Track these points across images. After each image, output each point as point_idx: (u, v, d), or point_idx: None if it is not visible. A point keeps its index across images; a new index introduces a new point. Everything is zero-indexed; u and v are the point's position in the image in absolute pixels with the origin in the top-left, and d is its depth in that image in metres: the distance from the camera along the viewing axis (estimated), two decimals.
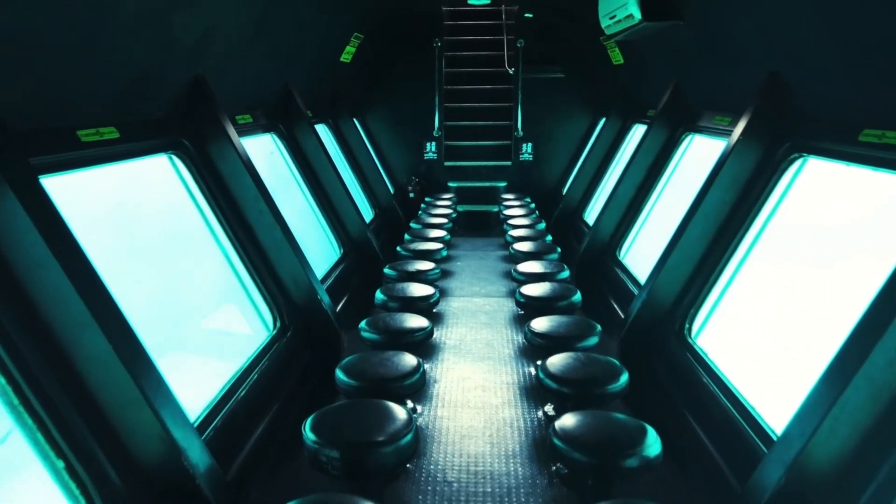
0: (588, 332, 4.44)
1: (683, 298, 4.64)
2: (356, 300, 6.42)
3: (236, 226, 4.63)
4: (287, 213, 6.01)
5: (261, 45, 5.43)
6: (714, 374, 3.96)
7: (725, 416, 3.63)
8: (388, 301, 5.22)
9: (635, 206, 6.76)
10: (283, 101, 6.63)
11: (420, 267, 6.06)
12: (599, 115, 10.49)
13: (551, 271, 5.94)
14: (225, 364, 3.98)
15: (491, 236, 10.27)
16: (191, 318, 4.12)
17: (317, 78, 7.87)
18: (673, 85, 6.54)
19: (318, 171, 6.86)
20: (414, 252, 6.77)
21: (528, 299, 5.24)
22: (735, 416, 3.63)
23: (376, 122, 11.15)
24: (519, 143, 10.85)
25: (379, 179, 9.36)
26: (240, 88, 5.48)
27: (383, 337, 4.41)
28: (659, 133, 6.64)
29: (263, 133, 6.35)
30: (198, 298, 4.29)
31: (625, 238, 6.74)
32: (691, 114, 6.29)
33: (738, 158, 4.48)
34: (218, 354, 4.14)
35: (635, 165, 6.72)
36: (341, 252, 6.84)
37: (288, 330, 4.65)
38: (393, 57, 10.76)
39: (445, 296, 7.17)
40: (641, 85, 8.08)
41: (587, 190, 9.17)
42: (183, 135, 4.44)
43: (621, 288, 6.05)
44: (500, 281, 7.76)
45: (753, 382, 3.82)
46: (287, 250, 4.74)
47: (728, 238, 4.51)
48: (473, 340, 5.93)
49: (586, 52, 9.94)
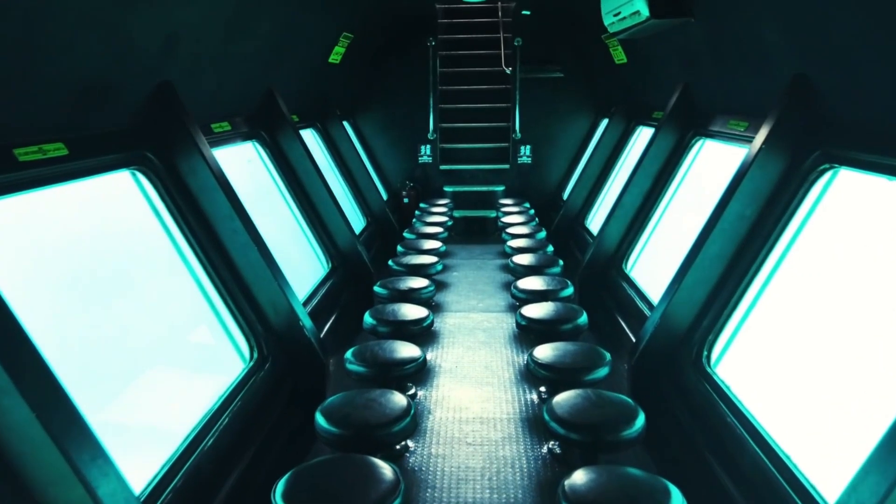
0: (597, 362, 4.02)
1: (701, 323, 4.23)
2: (345, 319, 5.99)
3: (208, 247, 4.21)
4: (269, 227, 5.59)
5: (237, 48, 5.01)
6: (740, 414, 3.53)
7: (758, 469, 3.15)
8: (378, 325, 4.80)
9: (642, 215, 6.34)
10: (265, 106, 6.20)
11: (413, 284, 5.64)
12: (601, 116, 10.08)
13: (554, 288, 5.51)
14: (191, 407, 3.55)
15: (489, 243, 9.86)
16: (151, 356, 3.69)
17: (303, 80, 7.45)
18: (682, 86, 6.12)
19: (303, 180, 6.44)
20: (406, 267, 6.35)
21: (530, 322, 4.82)
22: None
23: (369, 126, 10.72)
24: (517, 145, 10.46)
25: (371, 186, 8.94)
26: (215, 94, 5.05)
27: (371, 370, 3.99)
28: (667, 137, 6.22)
29: (244, 141, 5.92)
30: (161, 332, 3.86)
31: (631, 249, 6.32)
32: (702, 117, 5.88)
33: (761, 169, 4.06)
34: (183, 396, 3.71)
35: (642, 171, 6.30)
36: (329, 267, 6.41)
37: (266, 361, 4.23)
38: (385, 57, 10.34)
39: (441, 311, 6.75)
40: (646, 85, 7.66)
41: (589, 195, 8.75)
42: (147, 148, 4.01)
43: (629, 305, 5.63)
44: (498, 293, 7.34)
45: (784, 423, 3.36)
46: (265, 272, 4.31)
47: (750, 256, 4.09)
48: (471, 363, 5.51)
49: (587, 51, 9.54)
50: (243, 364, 4.19)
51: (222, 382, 3.89)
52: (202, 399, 3.66)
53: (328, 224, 6.52)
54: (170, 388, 3.70)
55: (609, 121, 8.62)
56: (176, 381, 3.77)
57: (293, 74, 6.92)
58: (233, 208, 4.24)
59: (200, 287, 4.18)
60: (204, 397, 3.68)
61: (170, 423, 3.43)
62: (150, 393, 3.56)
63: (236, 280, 4.30)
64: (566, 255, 8.32)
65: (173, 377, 3.76)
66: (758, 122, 4.52)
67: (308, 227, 6.37)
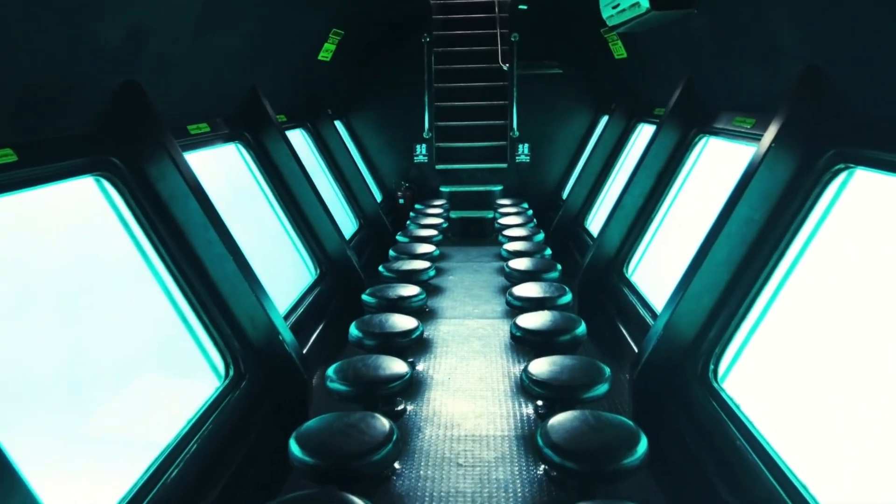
0: (595, 378, 3.75)
1: (707, 334, 3.95)
2: (333, 330, 5.72)
3: (180, 258, 3.94)
4: (251, 234, 5.33)
5: (214, 44, 4.74)
6: (750, 436, 3.26)
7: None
8: (364, 338, 4.53)
9: (644, 216, 6.06)
10: (249, 105, 5.93)
11: (403, 293, 5.36)
12: (601, 113, 9.80)
13: (551, 295, 5.24)
14: (158, 431, 3.29)
15: (486, 244, 9.58)
16: (114, 377, 3.43)
17: (290, 79, 7.18)
18: (684, 81, 5.84)
19: (290, 183, 6.17)
20: (397, 273, 6.08)
21: (526, 333, 4.54)
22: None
23: (363, 125, 10.45)
24: (515, 143, 10.20)
25: (364, 187, 8.66)
26: (191, 94, 4.79)
27: (353, 389, 3.72)
28: (669, 134, 5.94)
29: (225, 143, 5.65)
30: (127, 350, 3.59)
31: (632, 253, 6.04)
32: (706, 114, 5.60)
33: (770, 169, 3.78)
34: (149, 419, 3.44)
35: (643, 170, 6.02)
36: (317, 274, 6.14)
37: (243, 378, 3.96)
38: (378, 55, 10.06)
39: (435, 318, 6.49)
40: (647, 81, 7.38)
41: (589, 195, 8.46)
42: (112, 152, 3.74)
43: (631, 312, 5.35)
44: (495, 298, 7.07)
45: (797, 444, 3.09)
46: (242, 284, 4.05)
47: (760, 263, 3.81)
48: (464, 374, 5.24)
49: (586, 46, 9.25)
50: (218, 382, 3.92)
51: (194, 403, 3.63)
52: (170, 422, 3.40)
53: (316, 229, 6.25)
54: (134, 412, 3.43)
55: (609, 118, 8.34)
56: (142, 403, 3.50)
57: (279, 73, 6.65)
58: (207, 216, 3.97)
59: (172, 301, 3.92)
60: (172, 420, 3.42)
61: (132, 449, 3.17)
62: (112, 417, 3.30)
63: (211, 293, 4.03)
64: (565, 257, 8.05)
65: (139, 399, 3.50)
66: (766, 118, 4.24)
67: (295, 232, 6.10)
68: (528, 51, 9.84)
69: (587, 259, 6.33)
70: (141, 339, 3.75)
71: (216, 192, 5.09)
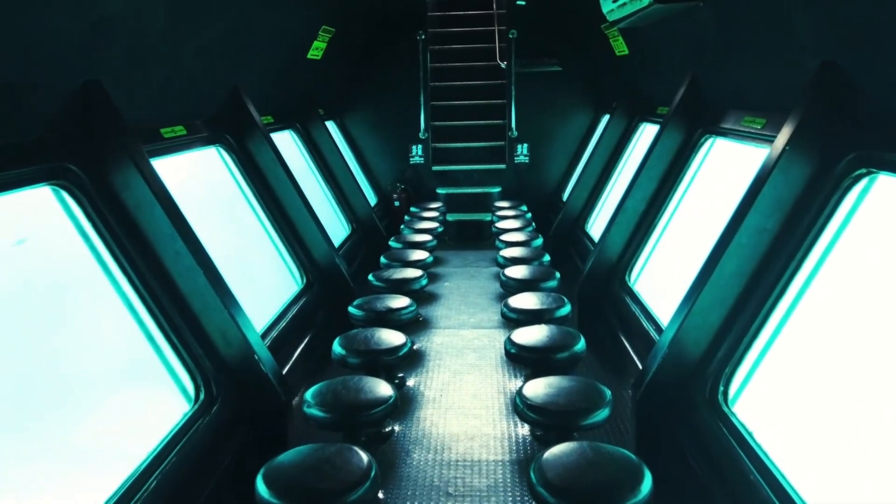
0: (596, 403, 3.45)
1: (716, 353, 3.65)
2: (320, 344, 5.41)
3: (146, 272, 3.65)
4: (230, 242, 5.05)
5: (190, 40, 4.45)
6: (762, 465, 2.96)
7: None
8: (348, 356, 4.23)
9: (647, 221, 5.76)
10: (231, 106, 5.64)
11: (392, 304, 5.06)
12: (601, 112, 9.50)
13: (549, 307, 4.93)
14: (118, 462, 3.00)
15: (483, 248, 9.28)
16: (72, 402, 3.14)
17: (277, 78, 6.88)
18: (689, 79, 5.54)
19: (275, 188, 5.87)
20: (388, 283, 5.78)
21: (521, 349, 4.24)
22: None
23: (357, 125, 10.16)
24: (514, 143, 9.90)
25: (356, 190, 8.37)
26: (164, 94, 4.50)
27: (332, 416, 3.43)
28: (673, 135, 5.64)
29: (204, 146, 5.36)
30: (85, 372, 3.31)
31: (635, 259, 5.74)
32: (712, 113, 5.29)
33: (784, 173, 3.48)
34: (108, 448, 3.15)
35: (646, 172, 5.72)
36: (303, 283, 5.84)
37: (214, 402, 3.67)
38: (372, 52, 9.77)
39: (428, 328, 6.20)
40: (650, 79, 7.08)
41: (590, 197, 8.16)
42: (70, 159, 3.45)
43: (634, 324, 5.05)
44: (492, 306, 6.78)
45: (815, 476, 2.81)
46: (213, 300, 3.76)
47: (773, 275, 3.51)
48: (457, 391, 4.95)
49: (586, 43, 8.96)
50: (188, 406, 3.64)
51: (159, 430, 3.34)
52: (132, 452, 3.11)
53: (303, 236, 5.95)
54: (93, 440, 3.15)
55: (610, 117, 8.03)
56: (102, 431, 3.21)
57: (265, 72, 6.36)
58: (175, 227, 3.68)
59: (137, 318, 3.63)
60: (135, 449, 3.13)
61: (89, 482, 2.88)
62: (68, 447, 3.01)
63: (180, 309, 3.74)
64: (565, 261, 7.76)
65: (99, 426, 3.21)
66: (778, 118, 3.94)
67: (280, 239, 5.81)
68: (527, 48, 9.54)
69: (587, 266, 6.03)
70: (102, 361, 3.46)
71: (193, 199, 4.81)
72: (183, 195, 4.40)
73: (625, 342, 5.19)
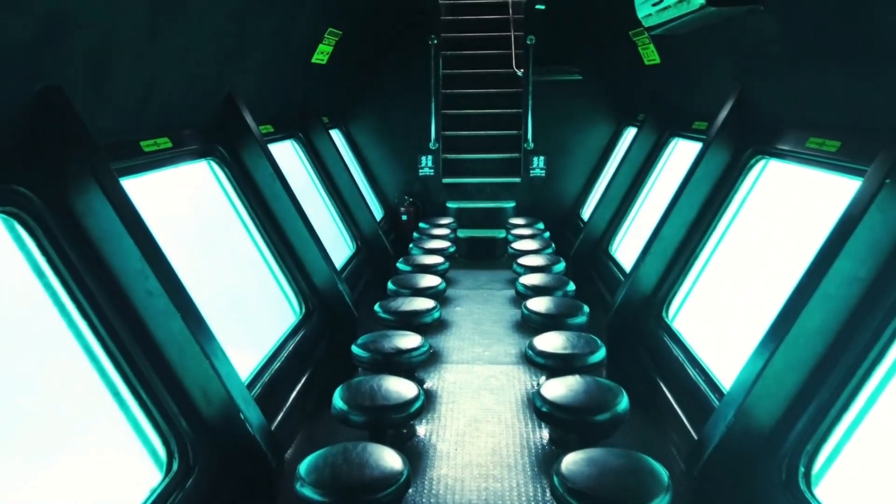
0: (652, 488, 2.82)
1: (794, 425, 3.02)
2: (317, 384, 4.82)
3: (112, 316, 3.05)
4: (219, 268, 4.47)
5: (175, 42, 3.87)
6: None
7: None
8: (350, 412, 3.60)
9: (687, 250, 5.14)
10: (224, 114, 5.06)
11: (401, 344, 4.43)
12: (624, 124, 8.91)
13: (580, 351, 4.30)
14: None
15: (497, 267, 8.69)
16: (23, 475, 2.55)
17: (278, 84, 6.31)
18: (737, 91, 4.94)
19: (272, 206, 5.28)
20: (396, 315, 5.15)
21: (554, 408, 3.60)
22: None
23: (363, 134, 9.57)
24: (529, 156, 9.33)
25: (362, 205, 7.77)
26: (144, 102, 3.91)
27: (330, 499, 2.81)
28: (718, 154, 5.03)
29: (196, 159, 4.78)
30: (41, 440, 2.72)
31: (673, 293, 5.12)
32: (764, 130, 4.70)
33: (883, 213, 2.89)
34: None
35: (686, 195, 5.12)
36: (302, 313, 5.23)
37: (192, 472, 3.06)
38: (381, 58, 9.21)
39: (438, 362, 5.59)
40: (684, 89, 6.49)
41: (614, 217, 7.55)
42: (23, 181, 2.86)
43: (677, 373, 4.43)
44: (509, 336, 6.17)
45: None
46: (192, 348, 3.16)
47: (868, 335, 2.90)
48: (472, 443, 4.33)
49: (610, 50, 8.37)
50: (159, 475, 3.03)
51: None
52: None
53: (303, 259, 5.35)
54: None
55: (638, 131, 7.42)
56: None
57: (264, 77, 5.77)
58: (147, 261, 3.09)
59: (100, 370, 3.03)
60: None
61: None
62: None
63: (152, 359, 3.14)
64: (587, 286, 7.16)
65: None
66: (860, 142, 3.35)
67: (277, 263, 5.20)
68: (545, 55, 8.98)
69: (618, 299, 5.41)
70: (57, 421, 2.87)
71: (177, 220, 4.24)
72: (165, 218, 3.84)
73: (669, 398, 4.47)
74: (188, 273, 3.68)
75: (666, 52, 6.45)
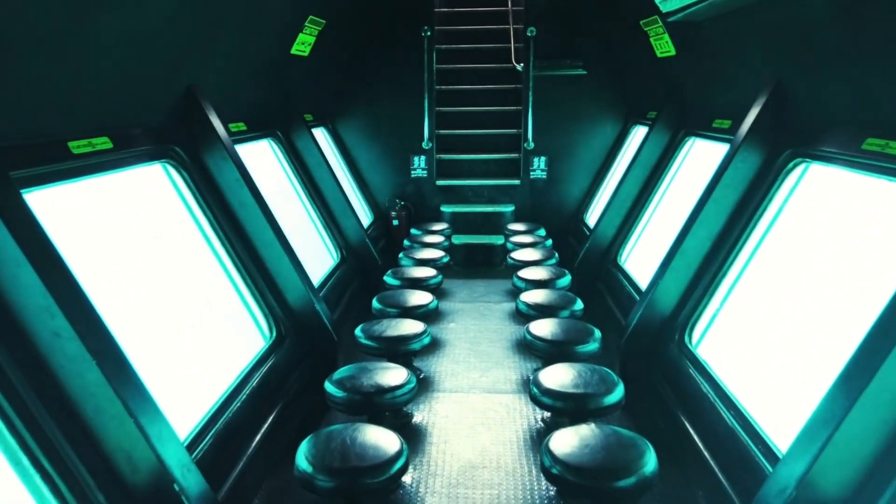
0: None
1: None
2: (285, 430, 4.14)
3: (5, 364, 2.40)
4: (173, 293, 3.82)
5: (121, 22, 3.22)
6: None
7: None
8: (314, 477, 2.93)
9: (713, 266, 4.50)
10: (183, 112, 4.41)
11: (385, 380, 3.74)
12: (632, 122, 8.27)
13: (595, 391, 3.64)
14: None
15: (494, 276, 8.05)
16: None
17: (253, 77, 5.64)
18: (773, 86, 4.30)
19: (239, 215, 4.62)
20: (381, 343, 4.48)
21: (565, 469, 2.95)
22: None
23: (351, 133, 8.92)
24: (530, 156, 8.69)
25: (347, 211, 7.10)
26: (71, 96, 3.25)
27: None
28: (749, 157, 4.40)
29: (147, 162, 4.12)
30: None
31: (697, 315, 4.48)
32: (805, 130, 4.06)
33: None
34: None
35: (713, 204, 4.48)
36: (273, 337, 4.55)
37: None
38: (371, 50, 8.55)
39: (428, 390, 4.95)
40: (704, 84, 5.84)
41: (623, 224, 6.91)
42: None
43: (702, 406, 3.78)
44: (508, 358, 5.53)
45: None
46: (110, 400, 2.50)
47: None
48: (468, 497, 3.69)
49: (617, 42, 7.74)
50: None
51: None
52: None
53: (275, 275, 4.69)
54: None
55: (650, 130, 6.77)
56: None
57: (234, 68, 5.12)
58: (57, 303, 2.43)
59: None
60: None
61: None
62: None
63: (60, 418, 2.48)
64: (594, 301, 6.52)
65: None
66: None
67: (244, 280, 4.53)
68: (547, 48, 8.36)
69: (633, 320, 4.76)
70: None
71: (115, 232, 3.59)
72: (100, 231, 3.20)
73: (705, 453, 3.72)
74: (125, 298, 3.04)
75: (683, 42, 5.81)
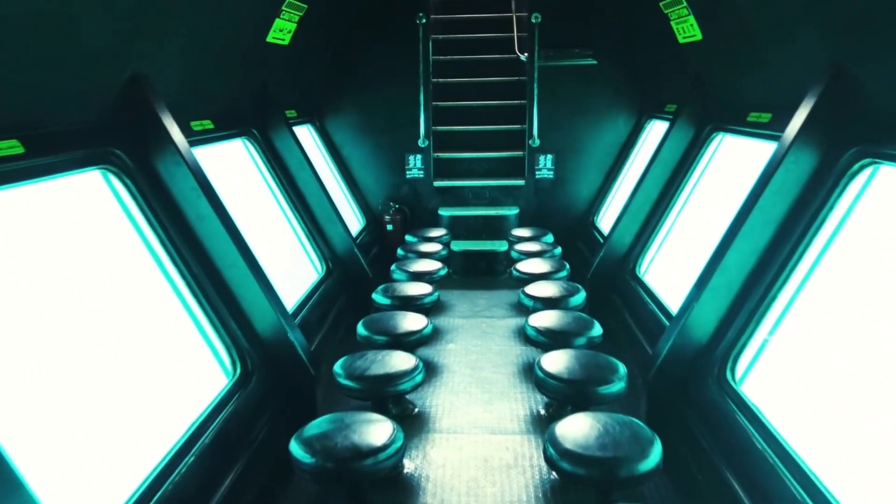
0: None
1: None
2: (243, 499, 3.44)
3: None
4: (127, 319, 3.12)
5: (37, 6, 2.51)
6: None
7: None
8: None
9: (760, 286, 3.78)
10: (129, 107, 3.69)
11: (371, 436, 3.02)
12: (648, 116, 7.56)
13: (626, 454, 2.92)
14: None
15: (497, 287, 7.37)
16: None
17: (219, 67, 4.92)
18: (831, 72, 3.58)
19: (196, 228, 3.90)
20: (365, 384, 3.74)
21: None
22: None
23: (341, 130, 8.21)
24: (535, 154, 8.00)
25: (333, 217, 6.37)
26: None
27: None
28: (802, 156, 3.68)
29: (76, 170, 3.40)
30: None
31: (740, 344, 3.74)
32: (872, 126, 3.35)
33: None
34: None
35: (760, 212, 3.76)
36: (237, 374, 3.78)
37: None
38: (361, 39, 7.84)
39: (423, 430, 4.26)
40: (736, 73, 5.11)
41: (641, 230, 6.19)
42: None
43: (742, 444, 3.07)
44: (513, 388, 4.83)
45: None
46: None
47: None
48: None
49: (632, 27, 7.03)
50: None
51: None
52: None
53: (241, 302, 3.92)
54: None
55: (671, 125, 6.05)
56: None
57: (193, 57, 4.40)
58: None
59: None
60: None
61: None
62: None
63: None
64: (612, 321, 5.81)
65: None
66: None
67: (203, 311, 3.75)
68: (554, 36, 7.67)
69: (664, 348, 4.04)
70: None
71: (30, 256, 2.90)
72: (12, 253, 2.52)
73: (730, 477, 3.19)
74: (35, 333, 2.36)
75: (712, 24, 5.09)
